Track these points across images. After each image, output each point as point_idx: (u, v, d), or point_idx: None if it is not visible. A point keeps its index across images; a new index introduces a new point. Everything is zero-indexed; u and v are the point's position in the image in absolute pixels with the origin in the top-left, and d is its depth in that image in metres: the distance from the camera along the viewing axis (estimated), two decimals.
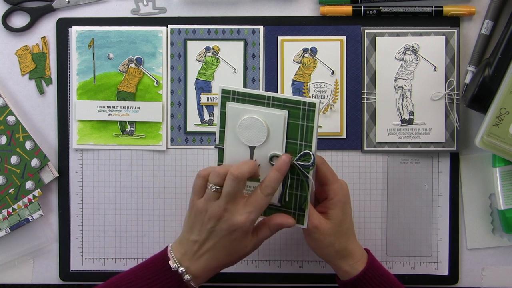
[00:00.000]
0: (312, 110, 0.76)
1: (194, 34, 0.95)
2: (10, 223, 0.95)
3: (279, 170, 0.77)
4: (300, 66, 0.94)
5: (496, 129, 0.87)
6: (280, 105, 0.77)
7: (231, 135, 0.79)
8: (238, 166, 0.76)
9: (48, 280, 0.97)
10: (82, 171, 0.96)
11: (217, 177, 0.77)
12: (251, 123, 0.78)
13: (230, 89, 0.78)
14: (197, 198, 0.79)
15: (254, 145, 0.79)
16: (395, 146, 0.94)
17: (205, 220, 0.77)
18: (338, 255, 0.82)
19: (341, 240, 0.82)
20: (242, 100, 0.78)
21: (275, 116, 0.77)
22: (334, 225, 0.81)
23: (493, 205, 0.95)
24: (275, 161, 0.78)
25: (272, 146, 0.78)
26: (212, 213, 0.76)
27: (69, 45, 0.95)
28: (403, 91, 0.94)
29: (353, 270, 0.82)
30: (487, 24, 0.92)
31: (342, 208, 0.82)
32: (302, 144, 0.78)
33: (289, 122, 0.77)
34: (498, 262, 0.96)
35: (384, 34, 0.94)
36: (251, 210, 0.76)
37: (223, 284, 0.96)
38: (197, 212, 0.78)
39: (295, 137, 0.78)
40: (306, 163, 0.77)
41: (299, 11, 0.95)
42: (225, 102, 0.79)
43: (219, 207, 0.76)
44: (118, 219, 0.96)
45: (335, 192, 0.82)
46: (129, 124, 0.95)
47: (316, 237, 0.81)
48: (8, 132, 0.94)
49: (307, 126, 0.77)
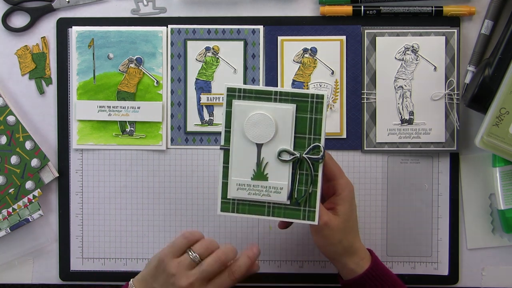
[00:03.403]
0: (321, 102, 0.76)
1: (194, 34, 0.95)
2: (10, 223, 0.95)
3: (251, 258, 0.79)
4: (300, 66, 0.94)
5: (496, 129, 0.87)
6: (287, 99, 0.77)
7: (237, 134, 0.79)
8: (226, 252, 0.77)
9: (48, 280, 0.97)
10: (82, 171, 0.96)
11: (205, 250, 0.77)
12: (259, 119, 0.77)
13: (236, 87, 0.78)
14: (171, 256, 0.78)
15: (262, 142, 0.78)
16: (395, 146, 0.94)
17: (170, 283, 0.77)
18: (345, 253, 0.82)
19: (349, 237, 0.82)
20: (248, 98, 0.78)
21: (283, 110, 0.77)
22: (343, 221, 0.81)
23: (493, 205, 0.95)
24: (284, 156, 0.78)
25: (281, 142, 0.78)
26: (178, 282, 0.76)
27: (69, 45, 0.95)
28: (403, 91, 0.94)
29: (359, 268, 0.82)
30: (487, 24, 0.92)
31: (350, 203, 0.82)
32: (311, 138, 0.78)
33: (297, 116, 0.77)
34: (498, 262, 0.96)
35: (384, 34, 0.94)
36: None
37: None
38: (166, 271, 0.77)
39: (303, 131, 0.78)
40: (315, 156, 0.77)
41: (299, 11, 0.95)
42: (230, 101, 0.78)
43: (187, 279, 0.76)
44: (118, 219, 0.96)
45: (342, 187, 0.82)
46: (129, 124, 0.95)
47: (325, 234, 0.80)
48: (8, 132, 0.94)
49: (316, 118, 0.77)
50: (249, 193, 0.79)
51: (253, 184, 0.79)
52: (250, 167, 0.79)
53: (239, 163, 0.79)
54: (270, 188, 0.79)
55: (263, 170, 0.79)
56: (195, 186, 0.96)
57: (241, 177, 0.79)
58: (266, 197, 0.79)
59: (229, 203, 0.80)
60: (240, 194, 0.80)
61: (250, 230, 0.96)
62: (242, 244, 0.96)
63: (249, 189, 0.79)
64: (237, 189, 0.79)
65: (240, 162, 0.79)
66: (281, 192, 0.79)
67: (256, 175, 0.79)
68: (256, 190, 0.79)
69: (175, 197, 0.96)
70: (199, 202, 0.96)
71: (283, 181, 0.79)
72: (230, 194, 0.80)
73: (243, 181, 0.79)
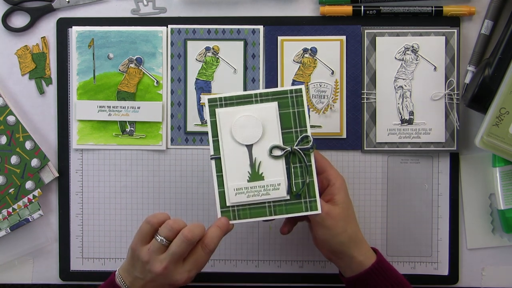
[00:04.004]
0: (300, 95, 0.80)
1: (194, 34, 0.95)
2: (10, 223, 0.95)
3: (221, 226, 0.79)
4: (300, 66, 0.94)
5: (496, 129, 0.87)
6: (268, 99, 0.80)
7: (226, 141, 0.80)
8: (192, 229, 0.77)
9: (48, 280, 0.97)
10: (82, 171, 0.96)
11: (170, 231, 0.77)
12: (245, 121, 0.79)
13: (216, 97, 0.80)
14: (140, 245, 0.79)
15: (251, 143, 0.80)
16: (395, 146, 0.94)
17: (146, 270, 0.78)
18: (351, 242, 0.82)
19: (352, 226, 0.82)
20: (230, 104, 0.80)
21: (266, 109, 0.80)
22: (343, 209, 0.81)
23: (493, 205, 0.95)
24: (275, 152, 0.79)
25: (269, 140, 0.80)
26: (153, 268, 0.77)
27: (69, 45, 0.95)
28: (403, 91, 0.94)
29: (367, 260, 0.82)
30: (487, 24, 0.92)
31: (345, 192, 0.83)
32: (298, 131, 0.80)
33: (280, 113, 0.80)
34: (498, 262, 0.96)
35: (384, 34, 0.94)
36: (191, 269, 0.78)
37: (223, 284, 0.96)
38: (139, 260, 0.78)
39: (289, 125, 0.80)
40: (306, 146, 0.79)
41: (299, 11, 0.95)
42: (214, 110, 0.80)
43: (161, 264, 0.77)
44: (118, 219, 0.96)
45: (335, 176, 0.83)
46: (129, 124, 0.95)
47: (329, 225, 0.80)
48: (8, 132, 0.94)
49: (298, 112, 0.80)
50: (248, 196, 0.80)
51: (251, 185, 0.80)
52: (244, 170, 0.80)
53: (233, 168, 0.80)
54: (268, 186, 0.80)
55: (258, 170, 0.80)
56: (195, 186, 0.96)
57: (237, 181, 0.80)
58: (265, 196, 0.80)
59: (229, 211, 0.81)
60: (240, 199, 0.80)
61: (250, 230, 0.96)
62: (242, 245, 0.96)
63: (248, 191, 0.80)
64: (236, 194, 0.80)
65: (234, 167, 0.80)
66: (279, 188, 0.80)
67: (252, 176, 0.80)
68: (255, 191, 0.80)
69: (175, 197, 0.96)
70: (199, 202, 0.96)
71: (280, 177, 0.80)
72: (229, 201, 0.80)
73: (240, 185, 0.80)
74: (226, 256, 0.96)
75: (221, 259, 0.96)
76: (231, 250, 0.96)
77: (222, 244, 0.84)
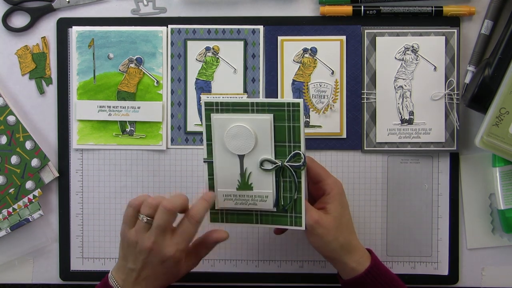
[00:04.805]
0: (297, 110, 0.77)
1: (194, 34, 0.95)
2: (10, 223, 0.95)
3: (207, 199, 0.80)
4: (300, 66, 0.94)
5: (496, 129, 0.87)
6: (264, 109, 0.78)
7: (219, 147, 0.80)
8: (170, 199, 0.78)
9: (48, 280, 0.97)
10: (82, 171, 0.96)
11: (149, 208, 0.78)
12: (238, 131, 0.78)
13: (213, 101, 0.79)
14: (128, 229, 0.79)
15: (243, 153, 0.79)
16: (395, 146, 0.94)
17: (137, 251, 0.78)
18: (343, 250, 0.82)
19: (344, 234, 0.82)
20: (226, 110, 0.79)
21: (261, 121, 0.78)
22: (335, 219, 0.81)
23: (493, 205, 0.95)
24: (266, 165, 0.79)
25: (261, 152, 0.79)
26: (142, 246, 0.78)
27: (69, 45, 0.95)
28: (403, 91, 0.94)
29: (360, 266, 0.82)
30: (487, 24, 0.92)
31: (340, 201, 0.82)
32: (291, 146, 0.78)
33: (275, 125, 0.78)
34: (498, 262, 0.96)
35: (384, 34, 0.94)
36: (179, 241, 0.78)
37: (223, 284, 0.96)
38: (129, 243, 0.79)
39: (283, 139, 0.78)
40: (297, 163, 0.78)
41: (299, 11, 0.95)
42: (209, 115, 0.79)
43: (149, 240, 0.77)
44: (118, 219, 0.96)
45: (331, 186, 0.82)
46: (129, 124, 0.96)
47: (319, 233, 0.80)
48: (8, 132, 0.94)
49: (294, 126, 0.78)
50: (236, 203, 0.81)
51: (239, 194, 0.80)
52: (234, 178, 0.80)
53: (223, 174, 0.80)
54: (256, 197, 0.80)
55: (247, 180, 0.80)
56: (195, 186, 0.96)
57: (226, 188, 0.81)
58: (252, 206, 0.80)
59: (218, 214, 0.82)
60: (227, 205, 0.81)
61: (250, 230, 0.96)
62: (242, 245, 0.96)
63: (236, 199, 0.81)
64: (224, 200, 0.81)
65: (224, 174, 0.80)
66: (266, 200, 0.80)
67: (240, 185, 0.80)
68: (243, 200, 0.81)
69: None
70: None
71: (268, 190, 0.80)
72: (217, 205, 0.82)
73: (229, 192, 0.81)
74: (226, 256, 0.96)
75: (221, 259, 0.96)
76: (231, 250, 0.96)
77: (222, 244, 0.84)
